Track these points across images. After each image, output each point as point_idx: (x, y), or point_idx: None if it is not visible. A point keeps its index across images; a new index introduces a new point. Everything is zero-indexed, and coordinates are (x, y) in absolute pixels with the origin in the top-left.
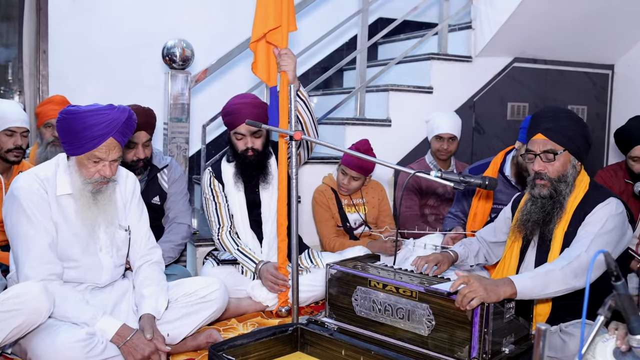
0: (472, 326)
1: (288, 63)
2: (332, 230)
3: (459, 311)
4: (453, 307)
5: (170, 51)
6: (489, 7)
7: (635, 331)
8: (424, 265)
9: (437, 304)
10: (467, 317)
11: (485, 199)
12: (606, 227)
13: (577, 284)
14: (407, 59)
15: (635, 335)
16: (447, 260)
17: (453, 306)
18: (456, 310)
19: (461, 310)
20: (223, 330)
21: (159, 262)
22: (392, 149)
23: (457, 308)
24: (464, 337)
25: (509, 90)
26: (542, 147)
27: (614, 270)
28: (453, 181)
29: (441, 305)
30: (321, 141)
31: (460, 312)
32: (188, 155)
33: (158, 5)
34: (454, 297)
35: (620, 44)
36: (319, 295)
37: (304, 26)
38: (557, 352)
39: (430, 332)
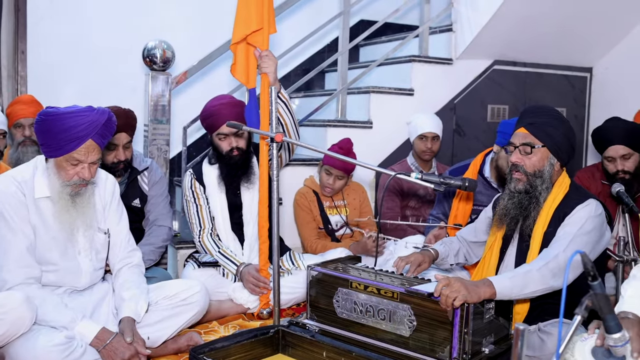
0: (452, 326)
1: (269, 65)
2: (314, 232)
3: (440, 311)
4: (434, 308)
5: (150, 52)
6: (469, 10)
7: (611, 330)
8: (405, 266)
9: (418, 304)
10: (448, 317)
11: (465, 200)
12: (585, 228)
13: (555, 284)
14: (388, 61)
15: (612, 334)
16: (428, 258)
17: (434, 306)
18: (437, 311)
19: (442, 310)
20: (204, 333)
21: (139, 264)
22: (373, 151)
23: (438, 308)
24: (444, 337)
25: (489, 92)
26: (521, 139)
27: (590, 270)
28: (433, 183)
29: (422, 305)
30: (302, 143)
31: (441, 312)
32: (169, 157)
33: (139, 6)
34: (435, 298)
35: (598, 47)
36: (301, 297)
37: (286, 28)
38: (535, 351)
39: (411, 333)
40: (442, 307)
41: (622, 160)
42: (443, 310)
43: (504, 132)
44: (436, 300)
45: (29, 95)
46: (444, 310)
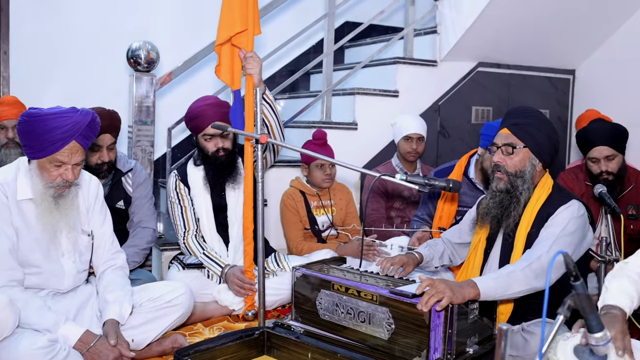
0: (430, 329)
1: (254, 66)
2: (300, 233)
3: (417, 315)
4: (412, 311)
5: (135, 53)
6: (453, 12)
7: (593, 329)
8: (389, 267)
9: (397, 307)
10: (425, 320)
11: (450, 201)
12: (568, 229)
13: (538, 285)
14: (373, 63)
15: (594, 334)
16: (412, 261)
17: (412, 310)
18: (415, 314)
19: (420, 313)
20: (189, 335)
21: (123, 266)
22: (358, 152)
23: (416, 312)
24: (422, 341)
25: (474, 94)
26: (504, 140)
27: (572, 270)
28: (418, 184)
29: (401, 309)
30: (287, 144)
31: (418, 315)
32: (153, 159)
33: (123, 6)
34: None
35: (581, 50)
36: (286, 299)
37: (271, 29)
38: (519, 350)
39: (390, 336)
40: (420, 307)
41: (605, 161)
42: (420, 313)
43: (488, 135)
44: (415, 303)
45: (12, 97)
46: (420, 313)
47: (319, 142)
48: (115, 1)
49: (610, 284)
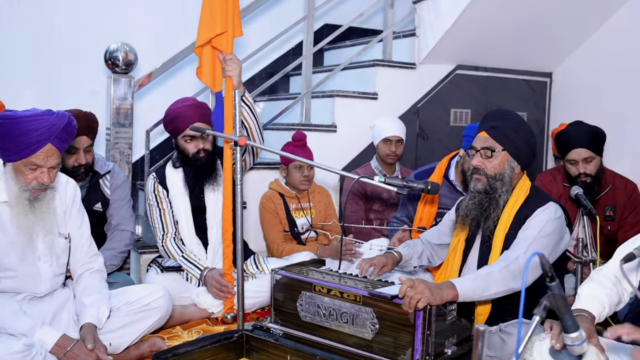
0: (414, 329)
1: (233, 68)
2: (280, 235)
3: (402, 314)
4: (396, 311)
5: (112, 55)
6: (432, 15)
7: (568, 330)
8: (369, 268)
9: (380, 307)
10: (410, 320)
11: (430, 203)
12: (545, 231)
13: (515, 286)
14: (352, 66)
15: (569, 334)
16: (392, 261)
17: (396, 309)
18: (399, 314)
19: (404, 313)
20: (167, 338)
21: (100, 270)
22: (337, 154)
23: (400, 311)
24: (407, 340)
25: (452, 96)
26: (482, 143)
27: (548, 271)
28: (396, 186)
29: (384, 309)
30: (266, 147)
31: (403, 315)
32: (131, 161)
33: (101, 7)
34: (398, 301)
35: (558, 53)
36: (265, 301)
37: (250, 32)
38: (497, 351)
39: (374, 336)
40: (404, 309)
41: (583, 163)
42: (405, 312)
43: (470, 136)
44: (399, 303)
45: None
46: (405, 312)
47: (299, 144)
48: (94, 2)
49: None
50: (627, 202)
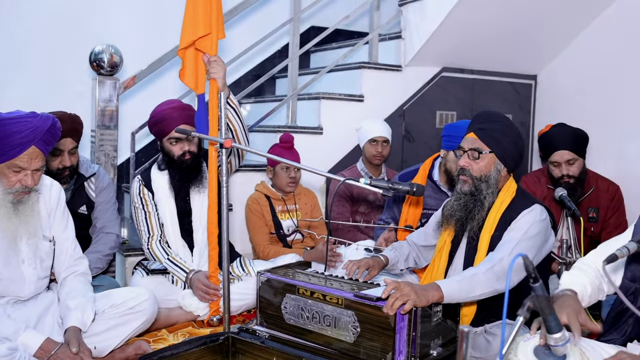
0: (396, 331)
1: (218, 70)
2: (266, 237)
3: (382, 318)
4: (377, 314)
5: (97, 57)
6: (418, 17)
7: (552, 330)
8: (355, 269)
9: (362, 311)
10: (390, 323)
11: (415, 205)
12: (530, 233)
13: (500, 287)
14: (338, 68)
15: (552, 334)
16: (378, 265)
17: (377, 313)
18: (380, 317)
19: (385, 316)
20: (153, 342)
21: (85, 273)
22: (323, 157)
23: (381, 315)
24: (387, 344)
25: (438, 99)
26: (470, 144)
27: (532, 272)
28: (382, 188)
29: (366, 312)
30: (252, 149)
31: (384, 318)
32: (117, 164)
33: (86, 8)
34: (382, 303)
35: (543, 56)
36: (251, 304)
37: (236, 34)
38: (482, 352)
39: (355, 339)
40: (386, 311)
41: (567, 165)
42: (386, 316)
43: (450, 135)
44: (380, 306)
45: None
46: (386, 316)
47: (286, 146)
48: (79, 3)
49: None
50: (610, 204)
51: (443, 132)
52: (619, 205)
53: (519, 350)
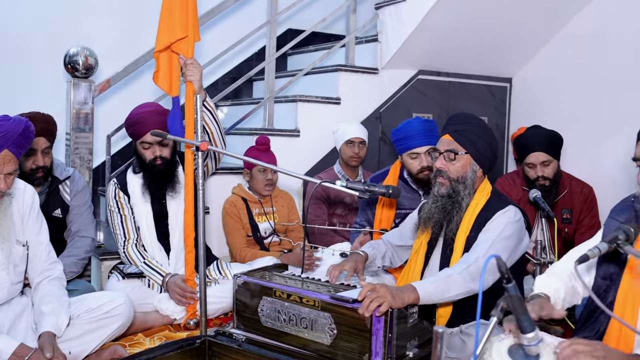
0: (372, 333)
1: (194, 73)
2: (243, 240)
3: (359, 319)
4: (354, 316)
5: (72, 59)
6: (394, 21)
7: (525, 330)
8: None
9: (338, 313)
10: (367, 325)
11: (388, 206)
12: (504, 234)
13: (475, 287)
14: (315, 70)
15: (525, 334)
16: (361, 263)
17: (354, 314)
18: (357, 319)
19: (361, 318)
20: (129, 346)
21: (59, 277)
22: (300, 159)
23: (357, 316)
24: (364, 345)
25: (414, 101)
26: (446, 146)
27: (504, 273)
28: (358, 190)
29: (343, 314)
30: (228, 152)
31: (360, 320)
32: (92, 167)
33: (60, 10)
34: (358, 305)
35: (517, 59)
36: (228, 307)
37: (213, 36)
38: (458, 352)
39: (332, 341)
40: (361, 312)
41: (542, 166)
42: (362, 318)
43: (399, 140)
44: (356, 308)
45: None
46: (362, 317)
47: (262, 148)
48: (53, 5)
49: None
50: (584, 205)
51: (393, 139)
52: (592, 206)
53: (494, 350)
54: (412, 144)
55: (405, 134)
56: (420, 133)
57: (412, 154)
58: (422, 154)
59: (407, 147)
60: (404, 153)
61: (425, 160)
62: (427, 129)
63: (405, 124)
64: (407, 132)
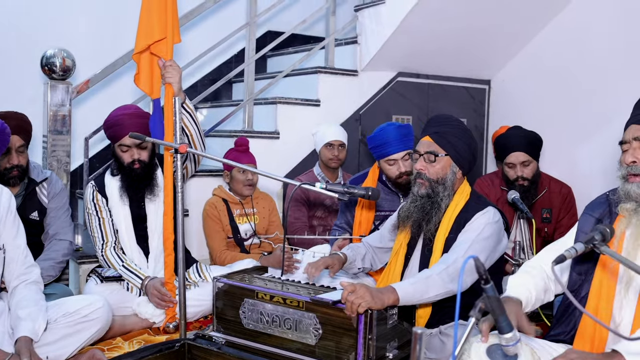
0: (357, 333)
1: (173, 75)
2: (223, 242)
3: (344, 319)
4: (339, 315)
5: (49, 61)
6: (373, 23)
7: (503, 330)
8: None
9: (323, 312)
10: (353, 324)
11: (368, 208)
12: (483, 235)
13: (454, 288)
14: (294, 72)
15: (504, 334)
16: (338, 262)
17: (339, 314)
18: (342, 318)
19: (347, 317)
20: (107, 350)
21: (37, 281)
22: (280, 161)
23: (343, 316)
24: (350, 344)
25: (394, 103)
26: (426, 148)
27: (482, 273)
28: (338, 192)
29: (327, 314)
30: (207, 154)
31: (346, 319)
32: (70, 169)
33: (38, 11)
34: (340, 306)
35: (496, 61)
36: (207, 310)
37: (192, 38)
38: (437, 353)
39: (317, 341)
40: (347, 313)
41: (521, 166)
42: (347, 317)
43: (375, 146)
44: (341, 307)
45: None
46: (348, 317)
47: (241, 149)
48: (30, 6)
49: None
50: (563, 205)
51: (369, 146)
52: (571, 206)
53: (472, 351)
54: (388, 150)
55: (381, 141)
56: (396, 139)
57: (389, 161)
58: (399, 160)
59: (383, 154)
60: (381, 159)
61: (402, 165)
62: (402, 135)
63: (380, 131)
64: (383, 139)
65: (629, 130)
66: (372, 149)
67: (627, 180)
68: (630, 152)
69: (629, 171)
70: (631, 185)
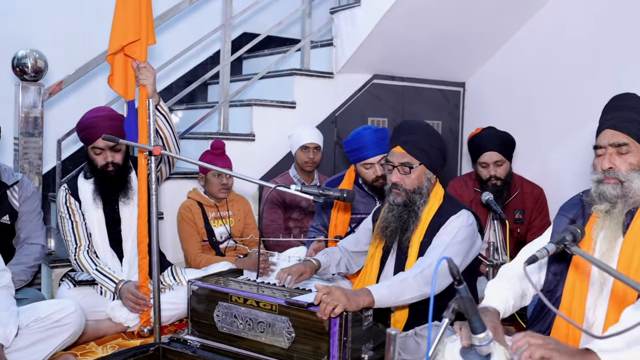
0: (330, 335)
1: (147, 77)
2: (198, 245)
3: (317, 322)
4: (312, 319)
5: (21, 62)
6: (349, 25)
7: (476, 330)
8: (287, 277)
9: (296, 316)
10: (325, 327)
11: (343, 210)
12: (457, 238)
13: (429, 290)
14: (270, 74)
15: (477, 334)
16: (310, 269)
17: (312, 317)
18: (315, 322)
19: (319, 321)
20: (81, 355)
21: (8, 286)
22: (255, 163)
23: (315, 319)
24: (323, 348)
25: (369, 105)
26: (399, 159)
27: (456, 275)
28: (313, 194)
29: (300, 317)
30: (182, 156)
31: (318, 323)
32: (42, 172)
33: (10, 12)
34: (314, 309)
35: (470, 64)
36: (182, 313)
37: (167, 39)
38: (412, 354)
39: (290, 344)
40: (320, 316)
41: (494, 166)
42: (320, 320)
43: (352, 150)
44: (314, 311)
45: None
46: (320, 320)
47: (217, 152)
48: (1, 6)
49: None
50: (535, 206)
51: (345, 150)
52: (543, 207)
53: (446, 351)
54: (364, 154)
55: (358, 145)
56: (372, 143)
57: (365, 164)
58: (375, 163)
59: (360, 157)
60: (357, 163)
61: (379, 169)
62: (378, 138)
63: (355, 134)
64: (359, 143)
65: (604, 135)
66: (348, 153)
67: (602, 182)
68: (607, 158)
69: (606, 175)
70: (606, 186)
